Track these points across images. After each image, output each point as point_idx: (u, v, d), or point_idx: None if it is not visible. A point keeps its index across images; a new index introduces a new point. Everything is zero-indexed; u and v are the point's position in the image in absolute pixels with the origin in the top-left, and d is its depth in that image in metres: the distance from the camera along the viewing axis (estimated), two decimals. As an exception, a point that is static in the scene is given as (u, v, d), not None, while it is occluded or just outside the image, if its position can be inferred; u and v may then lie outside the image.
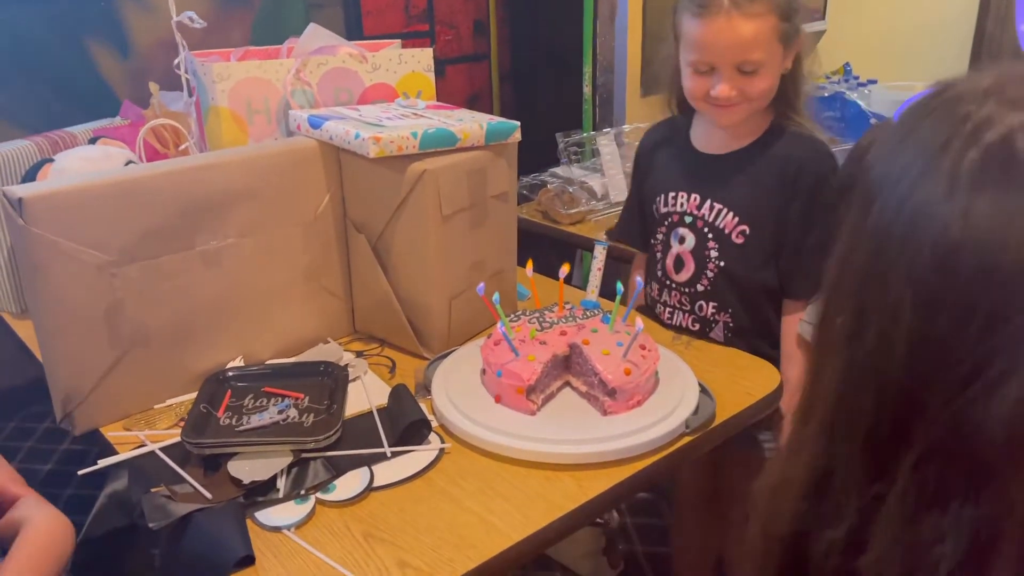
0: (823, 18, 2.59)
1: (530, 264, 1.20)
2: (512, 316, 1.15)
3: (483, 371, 1.11)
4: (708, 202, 1.29)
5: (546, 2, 2.88)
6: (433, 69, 1.50)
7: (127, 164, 1.37)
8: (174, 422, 1.07)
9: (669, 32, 1.28)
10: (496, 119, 1.27)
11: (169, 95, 1.64)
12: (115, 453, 1.01)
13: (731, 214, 1.27)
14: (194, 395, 1.09)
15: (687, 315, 1.35)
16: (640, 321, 1.04)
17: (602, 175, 1.89)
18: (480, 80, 3.43)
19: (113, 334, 1.05)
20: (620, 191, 1.87)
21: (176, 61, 1.42)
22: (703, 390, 1.10)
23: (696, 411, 1.05)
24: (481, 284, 1.10)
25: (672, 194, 1.33)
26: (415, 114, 1.27)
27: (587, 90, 2.24)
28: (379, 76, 1.44)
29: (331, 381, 1.13)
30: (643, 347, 1.08)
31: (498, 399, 1.06)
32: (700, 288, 1.31)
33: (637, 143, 1.94)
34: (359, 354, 1.26)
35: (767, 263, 1.27)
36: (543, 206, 1.89)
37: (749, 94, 1.18)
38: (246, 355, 1.20)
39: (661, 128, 1.43)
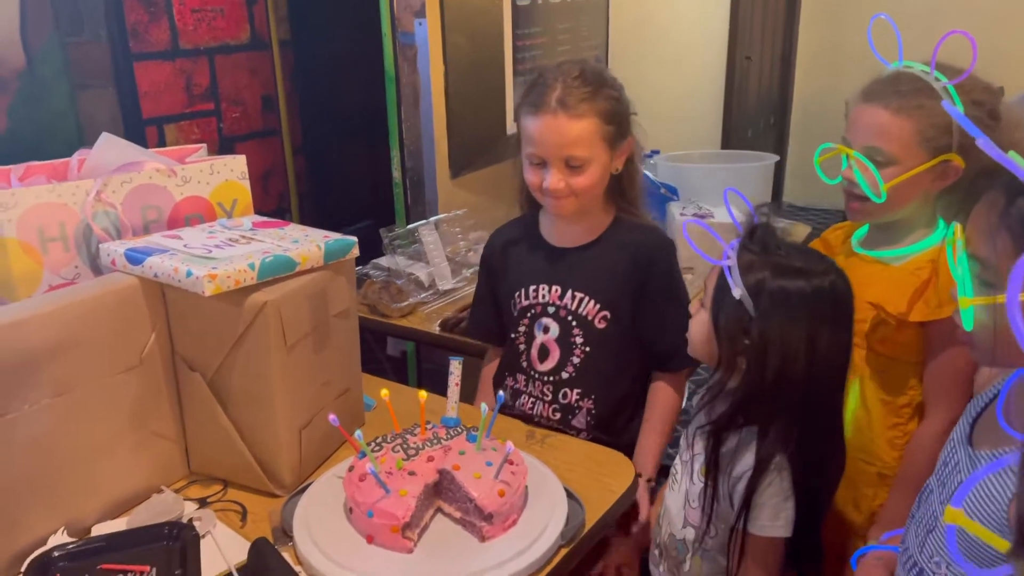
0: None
1: (385, 393, 1.15)
2: (374, 444, 1.10)
3: (350, 509, 1.05)
4: (569, 292, 1.37)
5: (338, 75, 2.85)
6: (247, 176, 1.43)
7: None
8: (-11, 626, 0.91)
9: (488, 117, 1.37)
10: (332, 236, 1.22)
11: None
12: None
13: (592, 301, 1.35)
14: (12, 588, 0.94)
15: (548, 405, 1.40)
16: (510, 443, 1.05)
17: (426, 264, 1.89)
18: (272, 155, 3.31)
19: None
20: (446, 279, 1.88)
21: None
22: (569, 495, 1.12)
23: (568, 520, 1.07)
24: (333, 416, 1.04)
25: (533, 287, 1.40)
26: (243, 237, 1.20)
27: (397, 174, 2.23)
28: (191, 189, 1.34)
29: (178, 544, 1.01)
30: (511, 462, 1.08)
31: (370, 539, 1.01)
32: (565, 375, 1.38)
33: (455, 230, 1.97)
34: (202, 501, 1.15)
35: (629, 344, 1.36)
36: (369, 300, 1.85)
37: (576, 188, 1.28)
38: (69, 523, 1.05)
39: (510, 228, 1.48)
